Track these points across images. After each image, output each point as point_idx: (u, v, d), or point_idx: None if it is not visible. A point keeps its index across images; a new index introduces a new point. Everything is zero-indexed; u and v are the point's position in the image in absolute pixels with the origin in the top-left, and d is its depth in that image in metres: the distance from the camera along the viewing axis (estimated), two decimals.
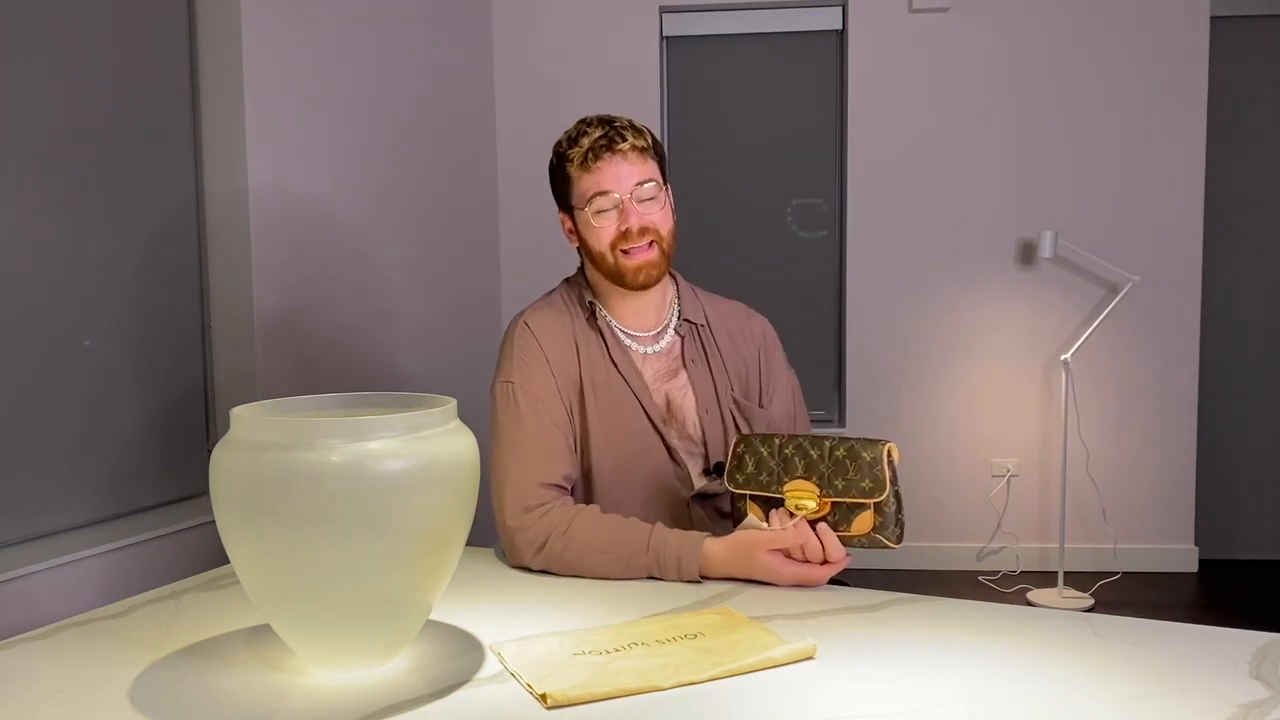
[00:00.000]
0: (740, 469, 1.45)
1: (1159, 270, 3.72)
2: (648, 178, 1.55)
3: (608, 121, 1.57)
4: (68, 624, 1.27)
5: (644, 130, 1.58)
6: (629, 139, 1.54)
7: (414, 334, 3.18)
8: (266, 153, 2.42)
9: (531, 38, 3.88)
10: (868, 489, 1.34)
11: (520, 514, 1.47)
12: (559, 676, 1.04)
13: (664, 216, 1.57)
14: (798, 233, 3.97)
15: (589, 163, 1.54)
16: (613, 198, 1.53)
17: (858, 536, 1.37)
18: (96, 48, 2.06)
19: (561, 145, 1.59)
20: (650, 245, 1.55)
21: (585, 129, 1.57)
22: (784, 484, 1.40)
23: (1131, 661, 1.09)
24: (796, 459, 1.40)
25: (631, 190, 1.53)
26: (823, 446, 1.38)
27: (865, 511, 1.36)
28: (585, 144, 1.54)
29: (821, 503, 1.37)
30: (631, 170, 1.54)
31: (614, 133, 1.54)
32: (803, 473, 1.39)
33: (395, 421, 1.03)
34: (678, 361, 1.64)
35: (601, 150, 1.53)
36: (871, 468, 1.34)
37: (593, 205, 1.54)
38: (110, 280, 2.10)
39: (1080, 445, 3.76)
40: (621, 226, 1.54)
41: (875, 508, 1.35)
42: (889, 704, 0.99)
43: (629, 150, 1.54)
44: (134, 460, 2.15)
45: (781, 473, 1.41)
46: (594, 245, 1.57)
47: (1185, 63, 3.68)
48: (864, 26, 3.78)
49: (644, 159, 1.56)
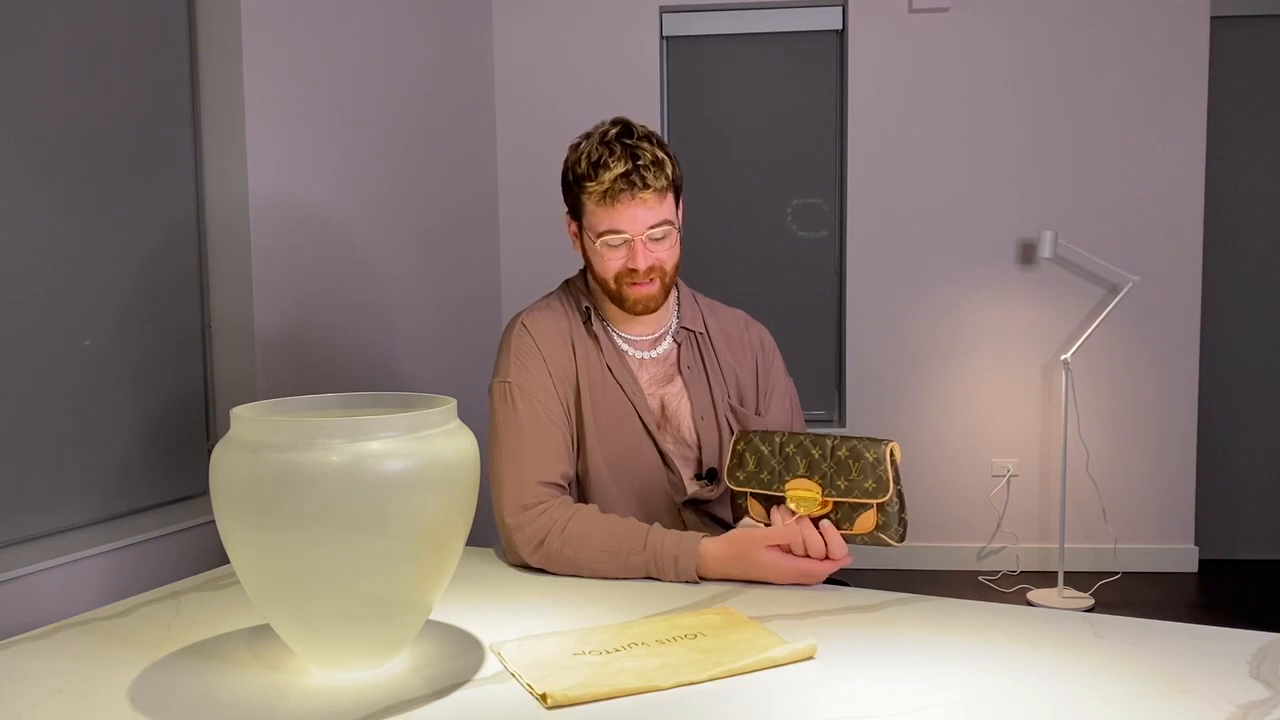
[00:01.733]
0: (741, 466, 1.44)
1: (1159, 270, 3.72)
2: (663, 219, 1.52)
3: (632, 154, 1.49)
4: (68, 624, 1.27)
5: (665, 161, 1.51)
6: (650, 183, 1.48)
7: (414, 334, 3.17)
8: (267, 155, 2.42)
9: (531, 38, 3.88)
10: (871, 489, 1.34)
11: (518, 512, 1.47)
12: (559, 676, 1.04)
13: (671, 253, 1.55)
14: (798, 233, 3.97)
15: (607, 201, 1.50)
16: (625, 236, 1.51)
17: (860, 535, 1.36)
18: (98, 48, 2.06)
19: (580, 166, 1.52)
20: (654, 281, 1.54)
21: (608, 158, 1.49)
22: (785, 483, 1.39)
23: (1131, 661, 1.09)
24: (798, 458, 1.39)
25: (644, 232, 1.51)
26: (824, 445, 1.38)
27: (868, 511, 1.35)
28: (606, 180, 1.48)
29: (824, 501, 1.37)
30: (648, 215, 1.50)
31: (637, 175, 1.48)
32: (805, 472, 1.38)
33: (395, 421, 1.03)
34: (674, 367, 1.65)
35: (620, 193, 1.48)
36: (875, 468, 1.33)
37: (604, 239, 1.52)
38: (111, 281, 2.10)
39: (1080, 445, 3.76)
40: (629, 264, 1.52)
41: (878, 507, 1.35)
42: (889, 704, 0.99)
43: (650, 196, 1.49)
44: (134, 460, 2.15)
45: (783, 471, 1.40)
46: (599, 271, 1.56)
47: (1185, 63, 3.68)
48: (864, 26, 3.78)
49: (662, 199, 1.51)
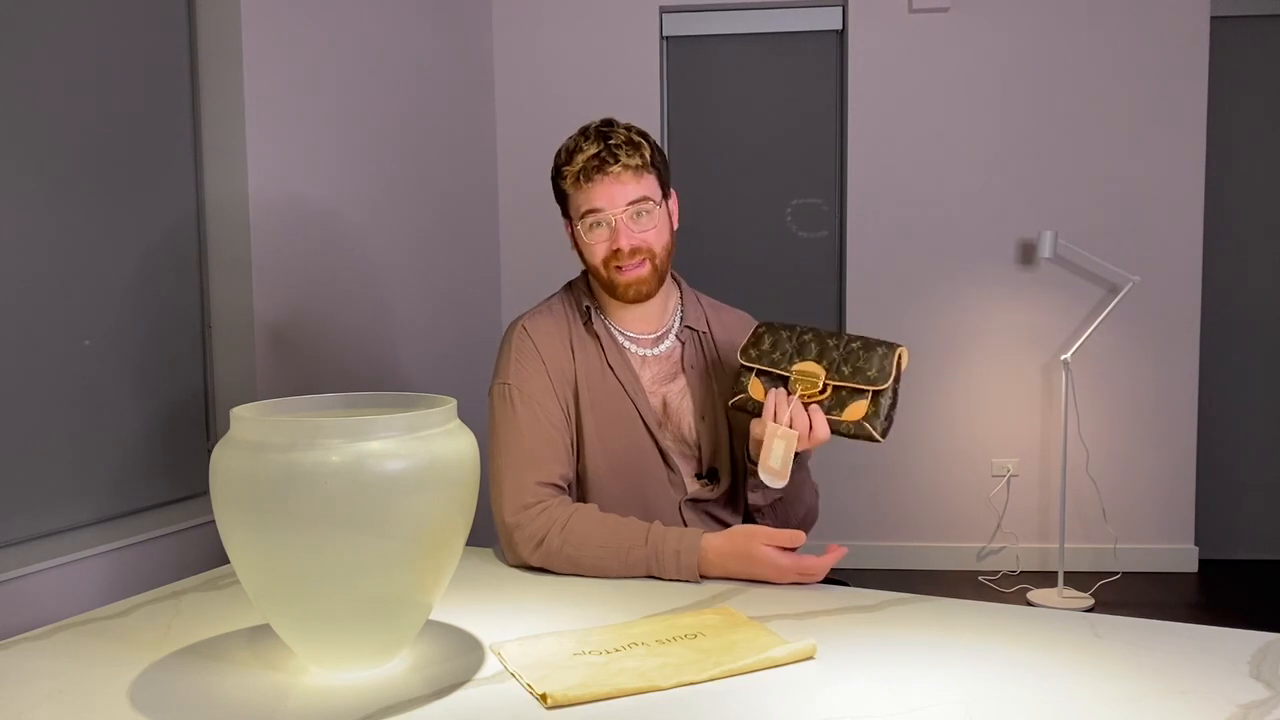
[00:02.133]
0: (756, 345, 1.50)
1: (1159, 270, 3.72)
2: (641, 196, 1.53)
3: (605, 137, 1.53)
4: (68, 624, 1.27)
5: (641, 143, 1.53)
6: (622, 158, 1.51)
7: (414, 334, 3.18)
8: (267, 154, 2.42)
9: (531, 39, 3.88)
10: (873, 377, 1.40)
11: (518, 511, 1.47)
12: (559, 676, 1.04)
13: (658, 234, 1.56)
14: (798, 233, 3.97)
15: (581, 181, 1.52)
16: (605, 215, 1.53)
17: (848, 422, 1.42)
18: (97, 48, 2.06)
19: (560, 157, 1.57)
20: (642, 263, 1.54)
21: (582, 143, 1.54)
22: (794, 364, 1.45)
23: (1131, 661, 1.09)
24: (813, 344, 1.45)
25: (623, 209, 1.52)
26: (840, 338, 1.45)
27: (861, 400, 1.41)
28: (579, 161, 1.52)
29: (825, 384, 1.42)
30: (624, 190, 1.52)
31: (607, 152, 1.51)
32: (815, 357, 1.44)
33: (395, 421, 1.03)
34: (677, 366, 1.65)
35: (593, 171, 1.51)
36: (882, 360, 1.40)
37: (585, 222, 1.54)
38: (111, 280, 2.10)
39: (1080, 445, 3.76)
40: (613, 246, 1.53)
41: (872, 397, 1.40)
42: (889, 704, 0.99)
43: (621, 171, 1.51)
44: (134, 460, 2.16)
45: (794, 355, 1.46)
46: (588, 259, 1.58)
47: (1185, 63, 3.68)
48: (864, 26, 3.79)
49: (639, 177, 1.52)
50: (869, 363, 1.40)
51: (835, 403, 1.42)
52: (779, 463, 1.43)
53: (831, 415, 1.42)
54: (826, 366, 1.42)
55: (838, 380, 1.41)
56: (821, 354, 1.44)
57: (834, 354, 1.43)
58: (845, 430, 1.42)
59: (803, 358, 1.45)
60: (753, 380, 1.49)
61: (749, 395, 1.49)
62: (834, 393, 1.42)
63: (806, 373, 1.43)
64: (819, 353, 1.44)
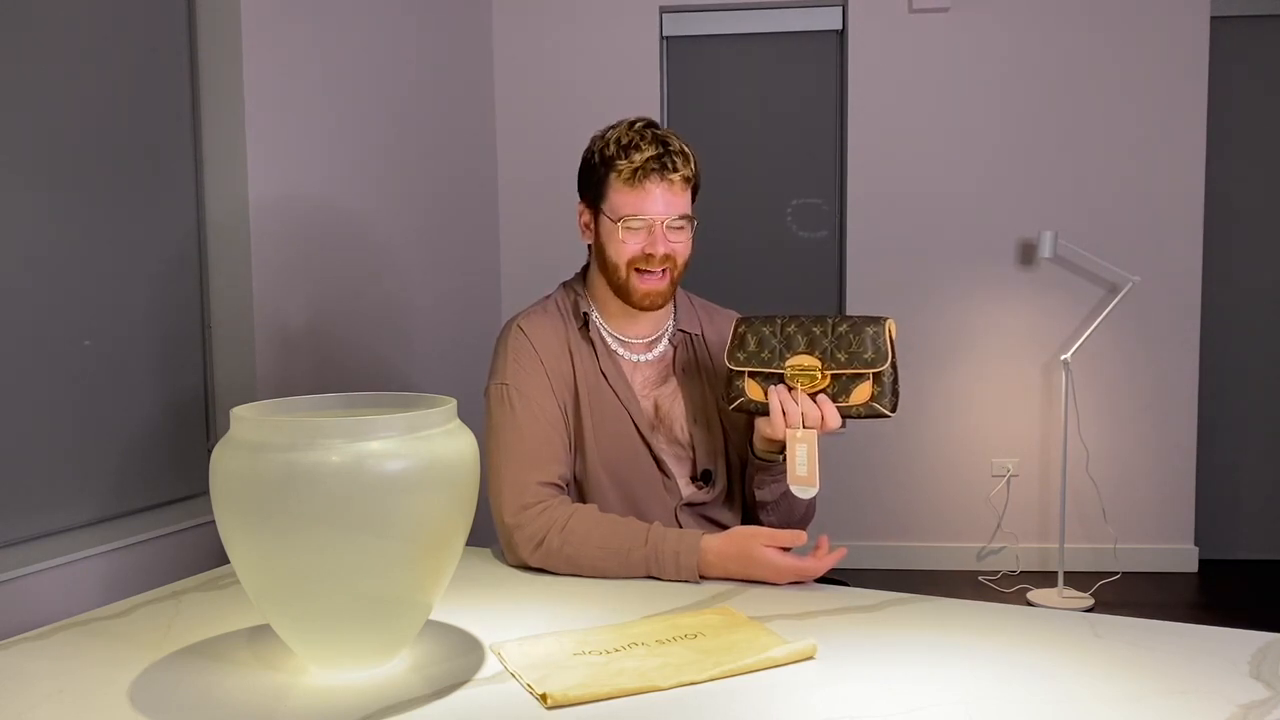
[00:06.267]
0: (741, 348, 1.47)
1: (1159, 270, 3.72)
2: (684, 212, 1.55)
3: (662, 142, 1.53)
4: (68, 624, 1.27)
5: (690, 156, 1.55)
6: (679, 168, 1.52)
7: (414, 334, 3.18)
8: (267, 154, 2.42)
9: (532, 39, 3.88)
10: (870, 360, 1.38)
11: (518, 511, 1.47)
12: (559, 676, 1.04)
13: (685, 247, 1.57)
14: (798, 233, 3.97)
15: (637, 180, 1.51)
16: (647, 220, 1.52)
17: (856, 406, 1.40)
18: (98, 49, 2.06)
19: (609, 149, 1.53)
20: (665, 274, 1.55)
21: (639, 141, 1.52)
22: (786, 360, 1.42)
23: (1131, 661, 1.09)
24: (799, 336, 1.43)
25: (666, 219, 1.53)
26: (825, 324, 1.42)
27: (864, 382, 1.39)
28: (638, 160, 1.50)
29: (822, 375, 1.40)
30: (677, 201, 1.53)
31: (669, 158, 1.51)
32: (805, 348, 1.42)
33: (395, 421, 1.03)
34: (669, 369, 1.65)
35: (652, 172, 1.51)
36: (875, 340, 1.38)
37: (625, 222, 1.53)
38: (111, 281, 2.10)
39: (1080, 445, 3.76)
40: (647, 249, 1.53)
41: (874, 378, 1.39)
42: (889, 704, 0.99)
43: (678, 180, 1.52)
44: (134, 460, 2.15)
45: (783, 349, 1.43)
46: (611, 256, 1.55)
47: (1185, 63, 3.68)
48: (864, 26, 3.79)
49: (685, 190, 1.55)
50: (862, 344, 1.39)
51: (839, 389, 1.41)
52: (805, 469, 1.41)
53: (838, 402, 1.40)
54: (820, 356, 1.41)
55: (835, 368, 1.40)
56: (811, 344, 1.42)
57: (824, 342, 1.41)
58: (856, 414, 1.41)
59: (792, 351, 1.42)
60: (748, 382, 1.47)
61: (748, 397, 1.47)
62: (834, 380, 1.41)
63: (803, 367, 1.41)
64: (808, 343, 1.42)
